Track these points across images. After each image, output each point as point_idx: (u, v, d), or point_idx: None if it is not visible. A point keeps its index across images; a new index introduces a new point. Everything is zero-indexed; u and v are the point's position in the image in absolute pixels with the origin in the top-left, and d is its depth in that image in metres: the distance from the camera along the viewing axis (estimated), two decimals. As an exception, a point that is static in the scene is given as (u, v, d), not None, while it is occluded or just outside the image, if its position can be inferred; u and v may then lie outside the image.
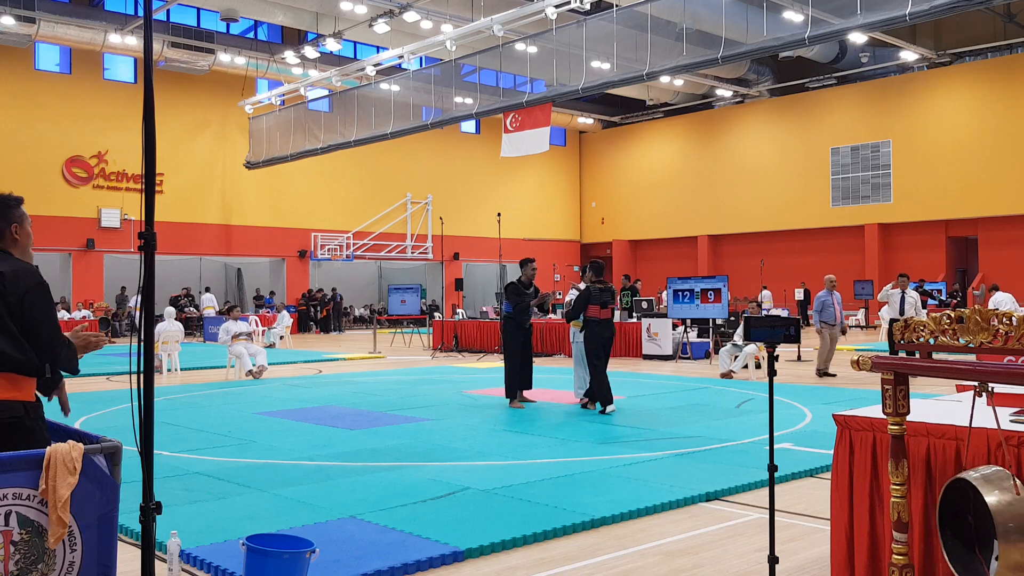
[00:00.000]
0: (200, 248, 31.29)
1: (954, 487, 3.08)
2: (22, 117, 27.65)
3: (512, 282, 11.00)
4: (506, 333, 10.99)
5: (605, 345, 10.42)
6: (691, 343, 18.17)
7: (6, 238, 3.52)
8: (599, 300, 10.35)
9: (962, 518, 3.10)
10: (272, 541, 4.02)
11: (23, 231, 3.57)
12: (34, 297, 3.34)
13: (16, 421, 3.33)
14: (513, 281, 11.01)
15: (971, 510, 3.08)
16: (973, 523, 3.09)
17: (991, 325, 2.98)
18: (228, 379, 14.92)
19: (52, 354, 3.38)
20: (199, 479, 6.66)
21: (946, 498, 3.10)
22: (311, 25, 27.63)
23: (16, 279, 3.35)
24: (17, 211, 3.57)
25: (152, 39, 3.24)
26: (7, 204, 3.56)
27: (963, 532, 3.10)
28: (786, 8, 18.17)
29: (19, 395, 3.34)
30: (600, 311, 10.36)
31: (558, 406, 10.88)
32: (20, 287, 3.33)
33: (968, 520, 3.10)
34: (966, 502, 3.08)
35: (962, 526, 3.10)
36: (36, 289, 3.36)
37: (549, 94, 20.76)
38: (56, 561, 3.01)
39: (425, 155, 36.03)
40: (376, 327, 26.16)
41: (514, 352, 10.84)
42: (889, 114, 31.82)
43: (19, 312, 3.32)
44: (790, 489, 6.29)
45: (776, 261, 33.86)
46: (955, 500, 3.09)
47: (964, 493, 3.07)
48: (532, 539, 5.03)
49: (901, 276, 15.80)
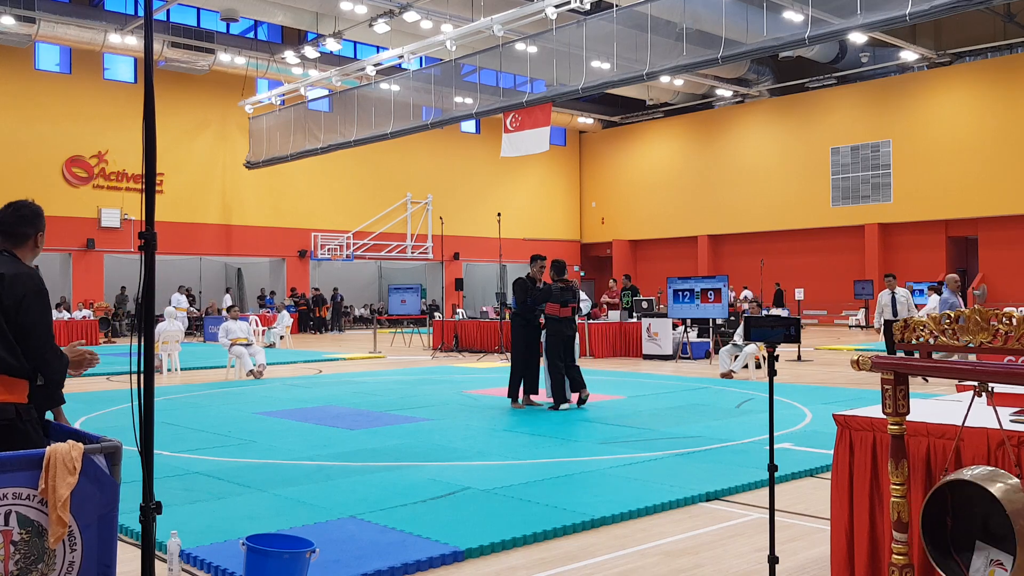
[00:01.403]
0: (200, 248, 31.29)
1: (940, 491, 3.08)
2: (22, 117, 27.65)
3: (520, 278, 10.86)
4: (513, 331, 10.83)
5: (567, 343, 10.51)
6: (691, 343, 18.18)
7: (28, 244, 3.63)
8: (559, 299, 10.46)
9: (940, 520, 3.10)
10: (272, 541, 4.02)
11: (42, 241, 3.70)
12: (30, 302, 3.39)
13: (9, 424, 3.36)
14: (521, 277, 10.87)
15: (950, 512, 3.08)
16: (951, 525, 3.09)
17: (991, 325, 2.98)
18: (228, 379, 14.92)
19: (42, 360, 3.41)
20: (199, 479, 6.66)
21: (930, 500, 3.10)
22: (311, 25, 27.63)
23: (15, 283, 3.39)
24: (43, 220, 3.70)
25: (152, 39, 3.24)
26: (37, 212, 3.69)
27: (939, 535, 3.10)
28: (786, 8, 18.17)
29: (11, 397, 3.37)
30: (560, 309, 10.46)
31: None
32: (18, 291, 3.38)
33: (946, 522, 3.10)
34: (945, 504, 3.08)
35: (938, 529, 3.10)
36: (34, 295, 3.41)
37: (549, 94, 20.77)
38: (56, 561, 3.01)
39: (425, 155, 36.03)
40: (376, 327, 26.16)
41: (519, 351, 10.72)
42: (889, 114, 31.82)
43: (14, 316, 3.36)
44: (790, 489, 6.29)
45: (776, 261, 33.86)
46: (935, 502, 3.09)
47: (944, 495, 3.07)
48: (532, 539, 5.03)
49: (887, 277, 15.72)
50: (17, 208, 3.65)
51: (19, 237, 3.60)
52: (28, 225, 3.62)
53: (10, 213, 3.64)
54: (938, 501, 3.09)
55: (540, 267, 10.76)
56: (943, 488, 3.04)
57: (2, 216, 3.62)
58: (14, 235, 3.60)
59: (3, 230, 3.61)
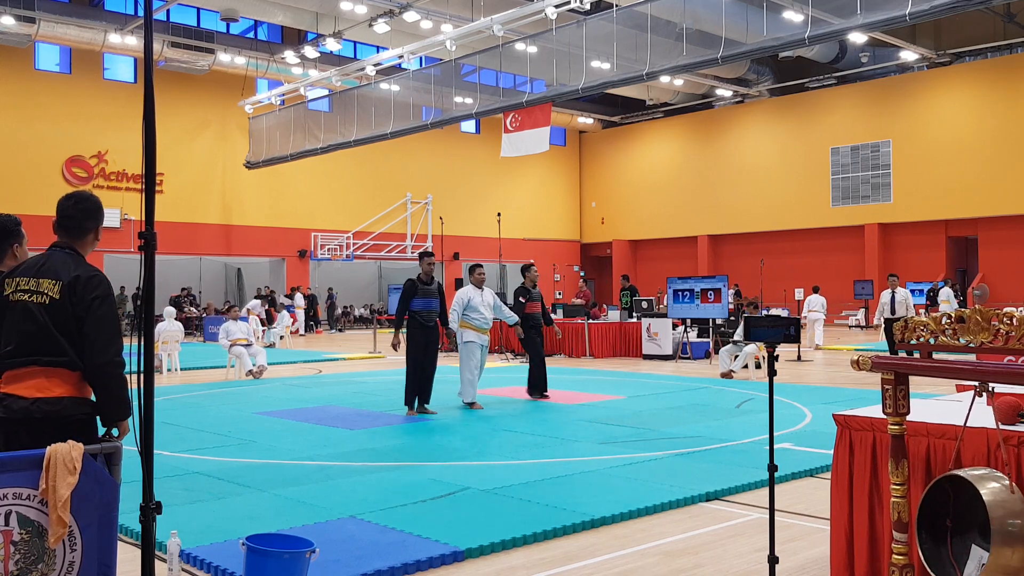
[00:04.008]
0: (200, 248, 31.29)
1: (939, 488, 3.08)
2: (22, 117, 27.65)
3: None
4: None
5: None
6: (691, 343, 18.17)
7: (89, 239, 3.50)
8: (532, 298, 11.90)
9: (940, 520, 3.10)
10: (272, 541, 4.02)
11: (100, 235, 3.58)
12: (100, 307, 3.33)
13: (87, 419, 3.35)
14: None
15: (951, 513, 3.09)
16: (951, 526, 3.09)
17: (991, 325, 2.98)
18: (228, 379, 14.92)
19: (100, 366, 3.30)
20: (199, 479, 6.66)
21: (929, 498, 3.10)
22: (311, 25, 27.63)
23: (91, 286, 3.33)
24: (103, 215, 3.58)
25: (152, 39, 3.24)
26: (98, 206, 3.54)
27: (939, 534, 3.10)
28: (786, 8, 18.17)
29: (87, 394, 3.37)
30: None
31: (558, 406, 10.87)
32: (92, 294, 3.32)
33: (946, 523, 3.10)
34: (947, 504, 3.09)
35: (938, 528, 3.10)
36: (102, 300, 3.34)
37: (549, 94, 20.76)
38: (56, 561, 3.01)
39: (425, 155, 36.03)
40: (376, 327, 26.14)
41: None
42: (889, 114, 31.82)
43: (84, 318, 3.31)
44: (790, 489, 6.29)
45: (776, 261, 33.85)
46: (937, 502, 3.09)
47: (946, 495, 3.07)
48: (532, 539, 5.03)
49: (891, 276, 16.08)
50: (79, 200, 3.50)
51: (82, 232, 3.47)
52: (90, 219, 3.49)
53: (71, 206, 3.47)
54: (938, 501, 3.09)
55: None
56: (944, 487, 3.04)
57: (63, 209, 3.47)
58: (77, 229, 3.47)
59: (64, 224, 3.46)
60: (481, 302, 10.64)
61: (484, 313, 10.63)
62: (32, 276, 3.37)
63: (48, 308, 3.30)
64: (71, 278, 3.32)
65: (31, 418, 3.25)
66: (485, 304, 10.67)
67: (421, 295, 10.19)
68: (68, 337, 3.30)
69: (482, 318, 10.62)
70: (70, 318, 3.30)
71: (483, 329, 10.67)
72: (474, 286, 10.76)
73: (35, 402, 3.26)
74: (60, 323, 3.29)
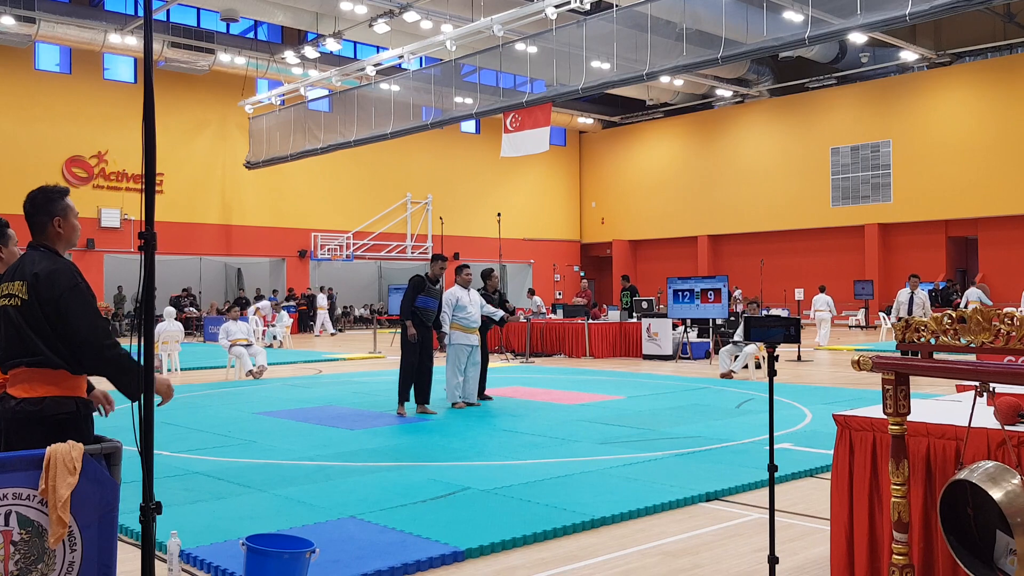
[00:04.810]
0: (200, 248, 31.28)
1: (955, 485, 3.08)
2: (22, 117, 27.63)
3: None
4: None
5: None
6: (691, 343, 18.17)
7: (49, 232, 3.47)
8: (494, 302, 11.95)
9: (961, 512, 3.10)
10: (272, 541, 4.02)
11: (68, 224, 3.51)
12: (68, 300, 3.30)
13: (70, 418, 3.34)
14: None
15: (969, 503, 3.09)
16: (972, 515, 3.09)
17: (992, 325, 2.98)
18: (228, 379, 14.92)
19: (96, 356, 3.29)
20: (199, 479, 6.66)
21: (945, 498, 3.10)
22: (311, 25, 27.62)
23: (51, 281, 3.32)
24: (61, 203, 3.50)
25: (152, 39, 3.24)
26: (50, 196, 3.49)
27: (962, 527, 3.10)
28: (786, 8, 18.16)
29: (71, 392, 3.36)
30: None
31: (558, 406, 10.87)
32: (56, 290, 3.31)
33: (967, 512, 3.10)
34: (964, 496, 3.08)
35: (961, 520, 3.10)
36: (70, 292, 3.31)
37: (549, 94, 20.75)
38: (56, 561, 3.01)
39: (425, 155, 36.02)
40: (376, 327, 26.13)
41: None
42: (889, 114, 31.81)
43: (54, 315, 3.30)
44: (790, 489, 6.29)
45: (776, 261, 33.85)
46: (953, 496, 3.09)
47: (962, 488, 3.07)
48: (532, 539, 5.03)
49: (912, 276, 16.10)
50: (31, 197, 3.51)
51: (40, 226, 3.47)
52: (41, 212, 3.47)
53: (26, 204, 3.50)
54: (955, 493, 3.09)
55: (440, 268, 10.94)
56: (961, 481, 3.03)
57: (23, 209, 3.51)
58: (36, 225, 3.47)
59: (28, 223, 3.48)
60: (469, 301, 10.92)
61: (472, 312, 10.88)
62: (8, 279, 3.43)
63: (20, 310, 3.33)
64: (31, 276, 3.34)
65: (16, 419, 3.29)
66: (473, 303, 10.94)
67: (426, 293, 10.47)
68: (42, 336, 3.30)
69: (471, 317, 10.86)
70: (40, 317, 3.31)
71: (471, 328, 10.86)
72: (460, 286, 11.02)
73: (20, 403, 3.30)
74: (32, 323, 3.31)
